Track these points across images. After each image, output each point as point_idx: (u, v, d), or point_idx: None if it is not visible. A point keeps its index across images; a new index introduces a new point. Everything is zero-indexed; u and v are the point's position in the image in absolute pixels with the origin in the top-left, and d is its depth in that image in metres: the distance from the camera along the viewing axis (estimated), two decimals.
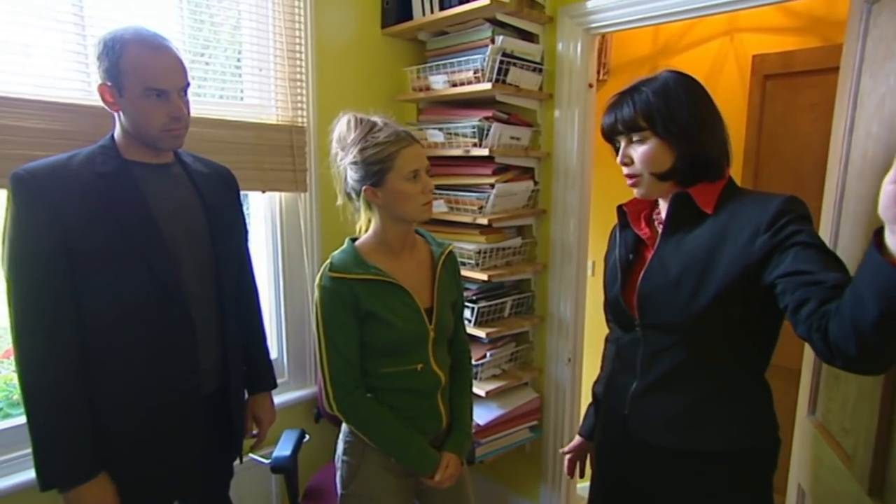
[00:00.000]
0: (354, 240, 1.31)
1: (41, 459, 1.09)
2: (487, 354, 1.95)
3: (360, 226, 1.33)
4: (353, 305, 1.22)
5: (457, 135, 1.94)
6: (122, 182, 1.15)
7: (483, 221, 1.86)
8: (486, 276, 1.87)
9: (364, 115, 1.26)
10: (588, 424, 1.40)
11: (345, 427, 1.34)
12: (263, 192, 1.90)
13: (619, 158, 1.09)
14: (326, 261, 1.27)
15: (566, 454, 1.44)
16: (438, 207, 1.97)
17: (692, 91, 1.05)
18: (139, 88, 1.11)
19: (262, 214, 2.00)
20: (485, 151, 1.83)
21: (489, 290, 2.01)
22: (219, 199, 1.32)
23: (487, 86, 1.80)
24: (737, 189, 1.07)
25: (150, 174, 1.20)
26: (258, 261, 1.92)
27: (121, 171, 1.15)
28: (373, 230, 1.30)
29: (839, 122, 1.24)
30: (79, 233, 1.09)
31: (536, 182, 2.04)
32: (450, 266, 1.38)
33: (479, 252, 1.91)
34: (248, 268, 1.47)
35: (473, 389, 1.63)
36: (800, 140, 2.19)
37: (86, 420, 1.12)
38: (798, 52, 2.15)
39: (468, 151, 1.88)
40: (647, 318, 1.08)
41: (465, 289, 1.90)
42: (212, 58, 1.83)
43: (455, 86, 1.93)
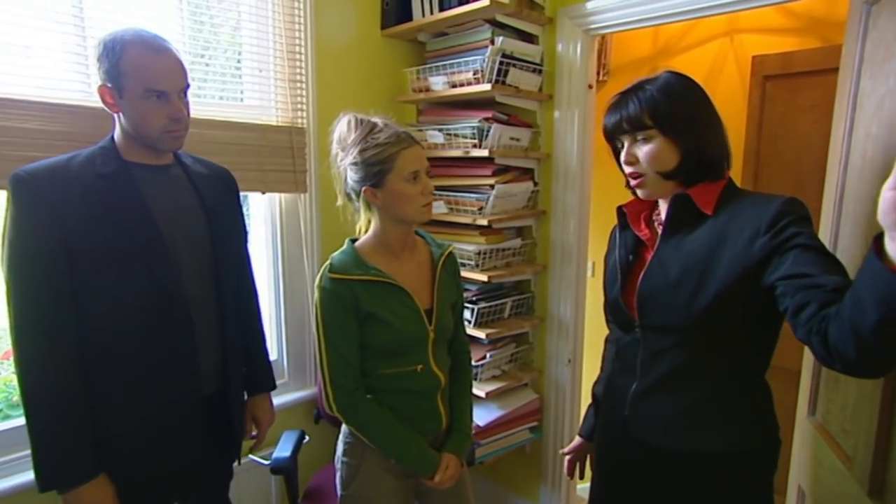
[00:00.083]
0: (354, 241, 1.31)
1: (40, 460, 1.09)
2: (487, 355, 1.95)
3: (360, 227, 1.33)
4: (353, 306, 1.22)
5: (456, 136, 1.94)
6: (122, 183, 1.15)
7: (483, 222, 1.86)
8: (486, 277, 1.87)
9: (365, 116, 1.26)
10: (588, 425, 1.40)
11: (344, 428, 1.34)
12: (263, 193, 1.90)
13: (624, 158, 1.08)
14: (326, 262, 1.26)
15: (566, 455, 1.44)
16: (438, 208, 1.97)
17: (694, 90, 1.05)
18: (139, 90, 1.11)
19: (262, 215, 2.00)
20: (484, 152, 1.83)
21: (489, 291, 2.01)
22: (218, 201, 1.32)
23: (487, 87, 1.80)
24: (736, 190, 1.07)
25: (150, 175, 1.20)
26: (258, 262, 1.93)
27: (121, 173, 1.15)
28: (372, 231, 1.30)
29: (839, 123, 1.24)
30: (79, 234, 1.09)
31: (536, 183, 2.04)
32: (450, 267, 1.38)
33: (479, 253, 1.91)
34: (248, 269, 1.47)
35: (473, 390, 1.63)
36: (799, 141, 2.19)
37: (85, 421, 1.12)
38: (798, 53, 2.16)
39: (468, 152, 1.88)
40: (647, 320, 1.08)
41: (465, 290, 1.90)
42: (212, 59, 1.83)
43: (455, 87, 1.93)
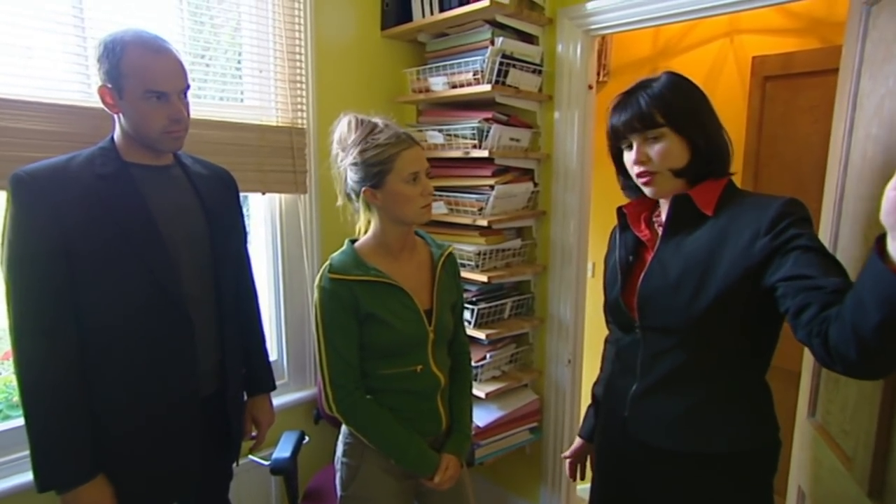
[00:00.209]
0: (354, 241, 1.31)
1: (39, 460, 1.09)
2: (487, 356, 1.95)
3: (360, 227, 1.32)
4: (353, 307, 1.22)
5: (456, 136, 1.94)
6: (122, 184, 1.15)
7: (483, 223, 1.86)
8: (486, 278, 1.87)
9: (365, 117, 1.26)
10: (588, 426, 1.39)
11: (344, 429, 1.34)
12: (263, 194, 1.90)
13: (635, 157, 1.05)
14: (326, 262, 1.26)
15: (567, 458, 1.43)
16: (438, 209, 1.97)
17: (697, 89, 1.07)
18: (139, 90, 1.11)
19: (262, 216, 2.00)
20: (484, 153, 1.83)
21: (489, 292, 2.01)
22: (218, 201, 1.32)
23: (487, 87, 1.80)
24: (737, 191, 1.07)
25: (150, 176, 1.20)
26: (258, 262, 1.93)
27: (120, 173, 1.15)
28: (372, 231, 1.30)
29: (839, 124, 1.24)
30: (78, 234, 1.09)
31: (536, 183, 2.04)
32: (449, 268, 1.38)
33: (479, 253, 1.91)
34: (248, 270, 1.47)
35: (473, 391, 1.63)
36: (799, 141, 2.19)
37: (85, 421, 1.12)
38: (798, 54, 2.16)
39: (468, 153, 1.88)
40: (647, 320, 1.08)
41: (465, 290, 1.90)
42: (212, 60, 1.83)
43: (455, 87, 1.93)
